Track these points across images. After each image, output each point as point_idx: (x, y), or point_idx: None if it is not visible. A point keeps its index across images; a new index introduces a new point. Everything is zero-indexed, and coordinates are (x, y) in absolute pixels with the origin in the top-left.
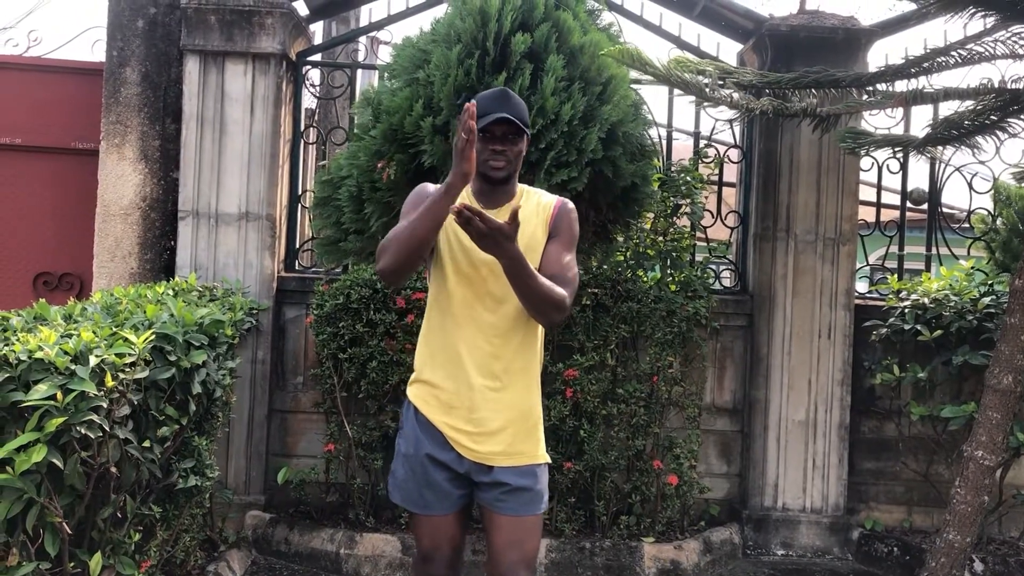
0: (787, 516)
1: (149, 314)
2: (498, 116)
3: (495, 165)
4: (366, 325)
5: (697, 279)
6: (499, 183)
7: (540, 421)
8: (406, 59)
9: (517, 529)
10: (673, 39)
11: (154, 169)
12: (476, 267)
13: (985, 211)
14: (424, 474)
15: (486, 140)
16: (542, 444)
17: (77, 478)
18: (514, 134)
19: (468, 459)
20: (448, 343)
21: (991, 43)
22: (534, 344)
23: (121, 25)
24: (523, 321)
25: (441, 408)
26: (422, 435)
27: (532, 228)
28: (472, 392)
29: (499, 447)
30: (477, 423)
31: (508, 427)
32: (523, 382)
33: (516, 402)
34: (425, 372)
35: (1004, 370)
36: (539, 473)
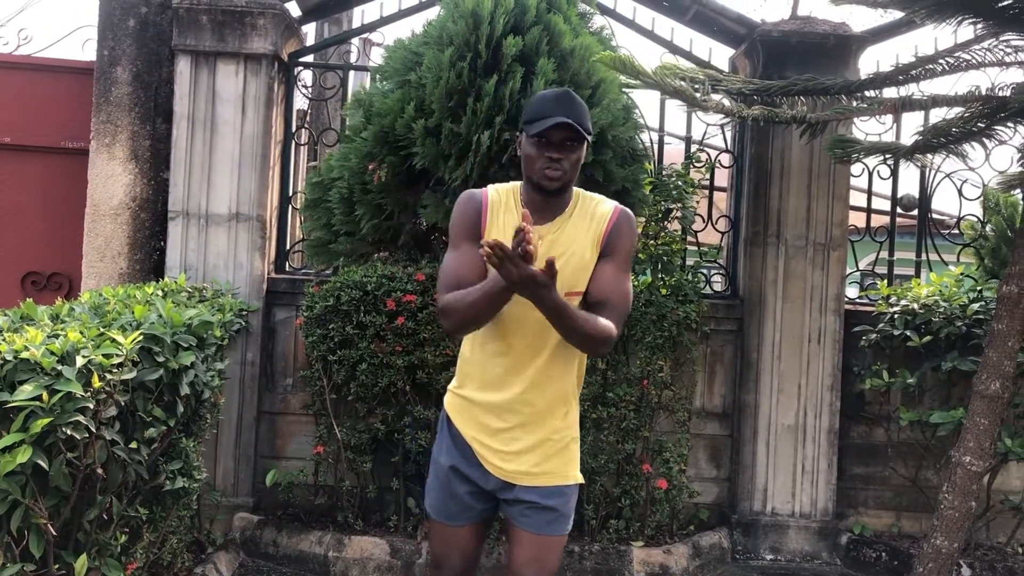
0: (776, 521)
1: (137, 315)
2: (558, 120)
3: (550, 175)
4: (356, 327)
5: (688, 283)
6: (553, 194)
7: (574, 442)
8: (398, 61)
9: (538, 547)
10: (665, 43)
11: (144, 169)
12: (517, 301)
13: (975, 218)
14: (448, 485)
15: (542, 146)
16: (573, 465)
17: (63, 479)
18: (573, 140)
19: (494, 476)
20: (488, 361)
21: (980, 51)
22: (573, 368)
23: (112, 24)
24: (564, 347)
25: (474, 423)
26: (452, 447)
27: (581, 249)
28: (505, 412)
29: (524, 467)
30: (506, 442)
31: (537, 448)
32: (559, 405)
33: (548, 424)
34: (464, 385)
35: (992, 376)
36: (567, 494)
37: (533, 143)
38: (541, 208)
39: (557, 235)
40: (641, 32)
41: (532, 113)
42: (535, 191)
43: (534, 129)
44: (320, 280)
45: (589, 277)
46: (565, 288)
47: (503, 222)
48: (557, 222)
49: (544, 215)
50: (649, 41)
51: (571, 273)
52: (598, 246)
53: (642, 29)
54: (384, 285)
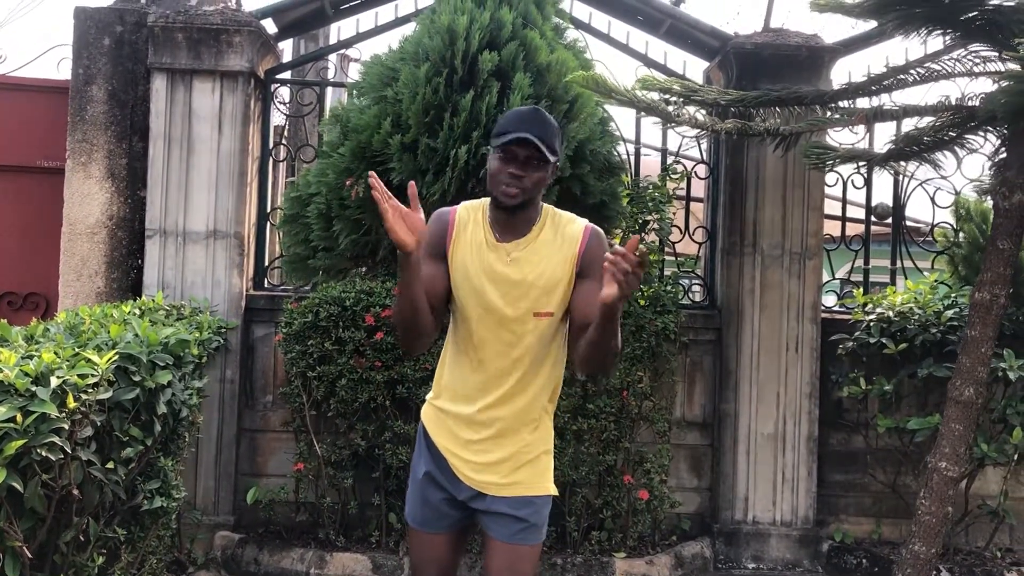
0: (757, 529)
1: (113, 334)
2: (519, 135)
3: (507, 191)
4: (335, 343)
5: (666, 294)
6: (514, 210)
7: (546, 455)
8: (375, 77)
9: (510, 556)
10: (640, 57)
11: (121, 187)
12: (488, 312)
13: (948, 225)
14: (424, 492)
15: (505, 160)
16: (547, 476)
17: (38, 501)
18: (538, 159)
19: (466, 486)
20: (462, 375)
21: (949, 61)
22: (544, 386)
23: (87, 43)
24: (535, 365)
25: (447, 434)
26: (428, 456)
27: (554, 266)
28: (477, 425)
29: (494, 478)
30: (477, 453)
31: (507, 460)
32: (529, 420)
33: (520, 438)
34: (439, 396)
35: (966, 382)
36: (537, 504)
37: (498, 158)
38: (506, 225)
39: (524, 254)
40: (616, 46)
41: (500, 127)
42: (497, 207)
43: (497, 142)
44: (299, 296)
45: (561, 298)
46: (534, 308)
47: (469, 237)
48: (524, 240)
49: (509, 233)
50: (624, 55)
51: (542, 291)
52: (574, 266)
53: (617, 43)
54: (363, 300)
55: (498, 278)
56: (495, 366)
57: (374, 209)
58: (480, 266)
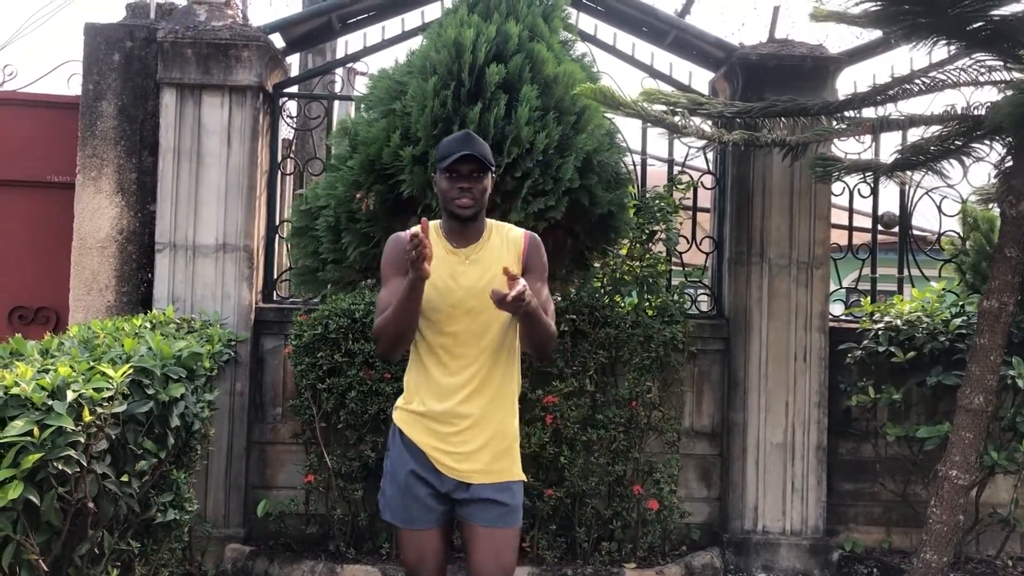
0: (767, 539)
1: (127, 348)
2: (461, 154)
3: (461, 203)
4: (344, 355)
5: (674, 304)
6: (467, 220)
7: (516, 441)
8: (383, 90)
9: (495, 540)
10: (646, 68)
11: (131, 202)
12: (452, 314)
13: (955, 234)
14: (409, 489)
15: (453, 179)
16: (518, 463)
17: (54, 514)
18: (479, 172)
19: (449, 477)
20: (432, 374)
21: (954, 71)
22: (511, 372)
23: (97, 59)
24: (501, 353)
25: (425, 431)
26: (408, 456)
27: (509, 257)
28: (453, 418)
29: (477, 466)
30: (457, 444)
31: (486, 447)
32: (501, 407)
33: (493, 426)
34: (411, 399)
35: (975, 390)
36: (515, 489)
37: (445, 177)
38: (460, 235)
39: (479, 255)
40: (622, 58)
41: (441, 152)
42: (452, 219)
43: (444, 164)
44: (308, 309)
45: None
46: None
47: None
48: (477, 245)
49: (464, 240)
50: (630, 66)
51: (495, 281)
52: (519, 264)
53: (623, 55)
54: (372, 312)
55: (461, 277)
56: (467, 358)
57: (383, 222)
58: (445, 271)
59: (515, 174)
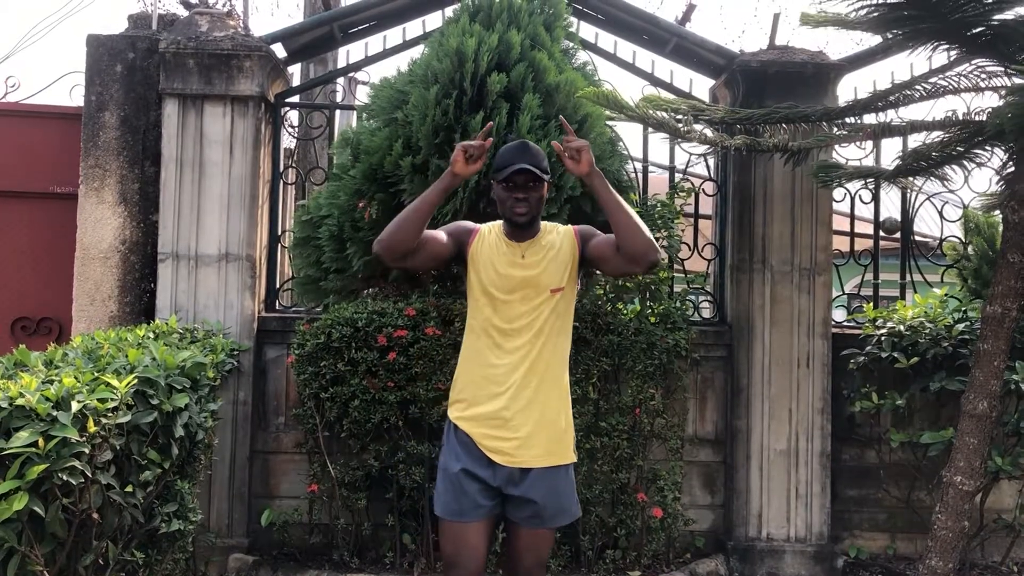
0: (772, 546)
1: (131, 358)
2: (519, 167)
3: (519, 211)
4: (348, 364)
5: (676, 311)
6: (526, 225)
7: (571, 425)
8: (385, 99)
9: (537, 539)
10: (646, 76)
11: (133, 212)
12: (509, 294)
13: (957, 239)
14: (459, 485)
15: (510, 189)
16: (571, 445)
17: (59, 525)
18: (534, 181)
19: (505, 466)
20: (486, 364)
21: (955, 76)
22: (563, 359)
23: (100, 70)
24: (551, 338)
25: (480, 421)
26: (461, 451)
27: (561, 253)
28: (508, 405)
29: (535, 451)
30: (514, 429)
31: (541, 432)
32: (554, 393)
33: (547, 411)
34: (465, 392)
35: (979, 396)
36: (566, 484)
37: (502, 187)
38: (519, 235)
39: (535, 248)
40: (623, 66)
41: (499, 163)
42: (511, 225)
43: (501, 176)
44: (311, 318)
45: (571, 279)
46: (549, 285)
47: (491, 242)
48: (532, 240)
49: (521, 237)
50: (631, 74)
51: (551, 268)
52: (575, 243)
53: (624, 63)
54: (375, 321)
55: (518, 266)
56: (520, 341)
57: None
58: (505, 260)
59: None
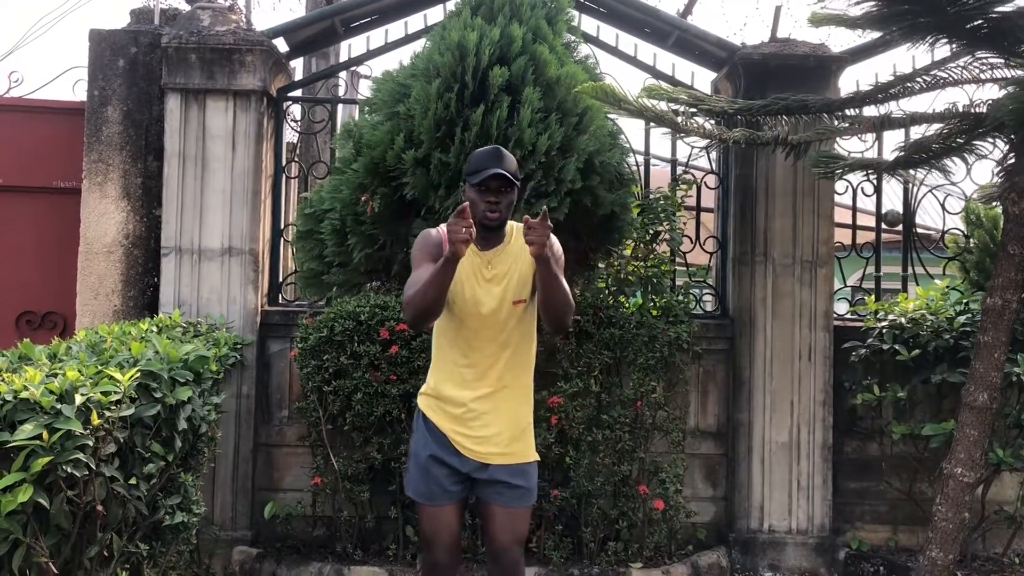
0: (773, 538)
1: (134, 352)
2: (493, 172)
3: (490, 215)
4: (350, 357)
5: (678, 304)
6: (493, 230)
7: (531, 426)
8: (386, 93)
9: (511, 517)
10: (648, 69)
11: (136, 207)
12: (474, 312)
13: (959, 232)
14: (429, 470)
15: (482, 192)
16: (532, 445)
17: (63, 517)
18: (506, 186)
19: (470, 459)
20: (454, 366)
21: (956, 69)
22: (527, 364)
23: (102, 65)
24: (515, 346)
25: (447, 417)
26: (430, 439)
27: (523, 265)
28: (473, 403)
29: (496, 449)
30: (477, 428)
31: (503, 432)
32: (516, 394)
33: (509, 411)
34: (435, 387)
35: (979, 388)
36: (530, 472)
37: (475, 191)
38: (484, 239)
39: (500, 256)
40: (624, 59)
41: (472, 167)
42: (479, 228)
43: (475, 180)
44: (313, 311)
45: (531, 288)
46: (512, 296)
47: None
48: (499, 248)
49: (487, 244)
50: (633, 68)
51: (517, 283)
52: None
53: (625, 56)
54: (377, 315)
55: (482, 278)
56: (486, 350)
57: (388, 224)
58: (470, 269)
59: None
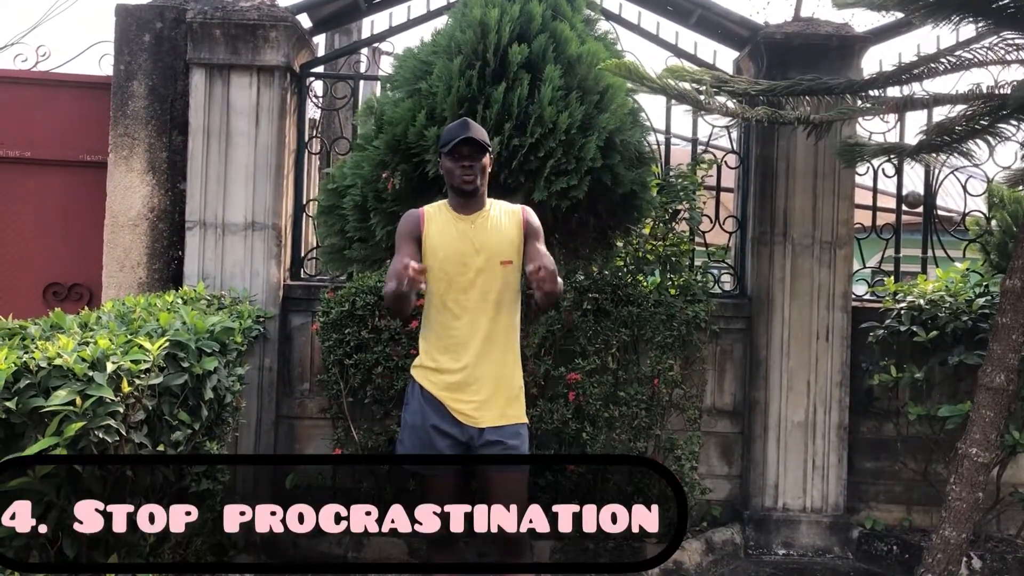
0: (788, 516)
1: (163, 322)
2: (463, 137)
3: (465, 179)
4: (371, 331)
5: (696, 283)
6: (470, 195)
7: (522, 389)
8: (408, 70)
9: (510, 483)
10: (670, 47)
11: (161, 180)
12: (463, 272)
13: (980, 214)
14: (429, 441)
15: (456, 159)
16: (523, 407)
17: (95, 481)
18: (477, 152)
19: (468, 425)
20: (445, 330)
21: (981, 49)
22: (514, 324)
23: (128, 40)
24: (504, 307)
25: (443, 385)
26: (428, 409)
27: (507, 229)
28: (467, 369)
29: (491, 412)
30: (473, 393)
31: (498, 395)
32: (508, 357)
33: (503, 374)
34: (428, 356)
35: (996, 369)
36: (523, 435)
37: (449, 159)
38: (465, 206)
39: (481, 221)
40: (646, 36)
41: (444, 139)
42: (457, 195)
43: (447, 148)
44: (335, 286)
45: (517, 252)
46: (499, 257)
47: (440, 220)
48: (479, 214)
49: (468, 210)
50: (654, 45)
51: (500, 242)
52: (521, 230)
53: (647, 33)
54: None
55: (467, 238)
56: (475, 311)
57: (409, 201)
58: (454, 234)
59: (538, 153)
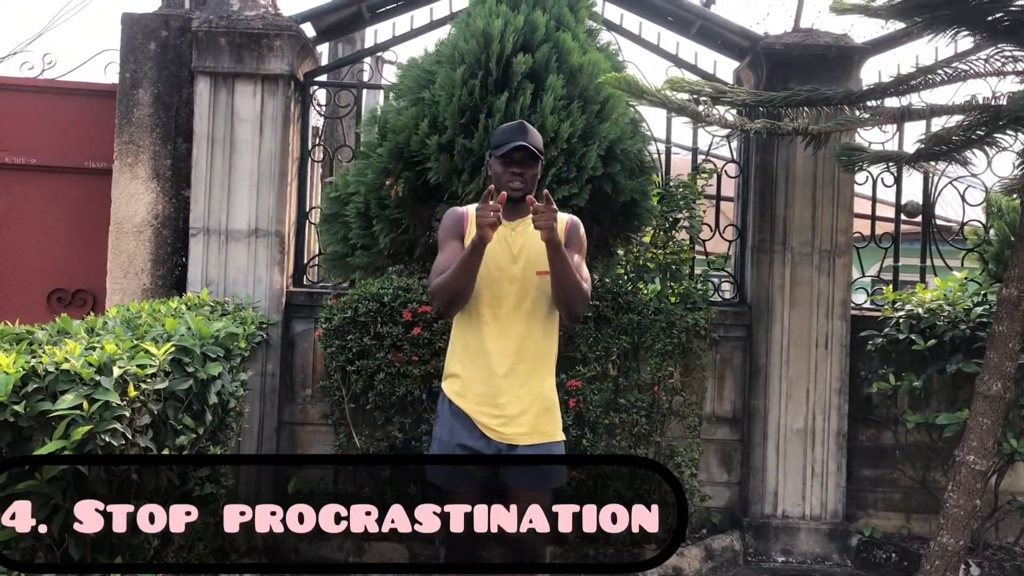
0: (787, 523)
1: (168, 327)
2: (517, 144)
3: (513, 185)
4: (374, 338)
5: (696, 291)
6: (517, 201)
7: (556, 404)
8: (412, 79)
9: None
10: (671, 57)
11: (166, 187)
12: (499, 278)
13: (978, 223)
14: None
15: (507, 164)
16: (559, 424)
17: (101, 484)
18: (530, 159)
19: (495, 441)
20: (476, 343)
21: (978, 61)
22: (551, 338)
23: (134, 48)
24: (539, 320)
25: (473, 398)
26: (457, 424)
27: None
28: (498, 382)
29: (522, 429)
30: (502, 408)
31: (528, 410)
32: (540, 372)
33: (535, 389)
34: (458, 368)
35: (993, 377)
36: (557, 452)
37: (500, 163)
38: (511, 211)
39: (522, 228)
40: (647, 47)
41: (498, 140)
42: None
43: (500, 151)
44: (338, 293)
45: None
46: (536, 267)
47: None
48: (522, 220)
49: (513, 215)
50: (656, 56)
51: (539, 252)
52: (563, 238)
53: (648, 44)
54: (400, 297)
55: (507, 244)
56: (509, 320)
57: (411, 208)
58: (496, 239)
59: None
